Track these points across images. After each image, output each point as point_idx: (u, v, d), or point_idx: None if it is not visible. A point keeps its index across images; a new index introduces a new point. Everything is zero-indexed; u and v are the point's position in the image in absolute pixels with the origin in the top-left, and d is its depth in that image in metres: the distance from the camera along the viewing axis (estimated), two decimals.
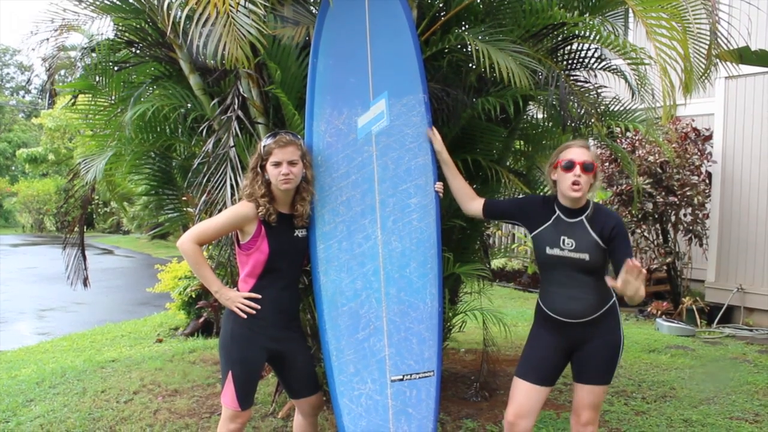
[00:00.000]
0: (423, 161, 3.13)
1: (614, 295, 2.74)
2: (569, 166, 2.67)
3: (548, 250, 2.72)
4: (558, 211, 2.76)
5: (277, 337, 2.85)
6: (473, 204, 3.02)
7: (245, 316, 2.77)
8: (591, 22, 3.98)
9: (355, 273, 3.02)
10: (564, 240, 2.69)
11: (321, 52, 3.08)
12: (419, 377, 3.03)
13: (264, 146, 2.79)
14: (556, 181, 2.79)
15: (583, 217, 2.72)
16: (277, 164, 2.75)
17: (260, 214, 2.76)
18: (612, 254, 2.67)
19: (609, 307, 2.74)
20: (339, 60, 3.10)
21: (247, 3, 2.78)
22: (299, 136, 2.90)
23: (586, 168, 2.66)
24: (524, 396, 2.79)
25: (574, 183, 2.65)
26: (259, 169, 2.81)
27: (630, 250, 2.67)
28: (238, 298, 2.79)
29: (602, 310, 2.71)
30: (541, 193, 3.03)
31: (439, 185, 3.13)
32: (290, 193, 2.86)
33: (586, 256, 2.66)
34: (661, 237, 8.39)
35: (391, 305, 3.02)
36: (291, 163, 2.77)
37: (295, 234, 2.90)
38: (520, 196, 2.96)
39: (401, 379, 3.00)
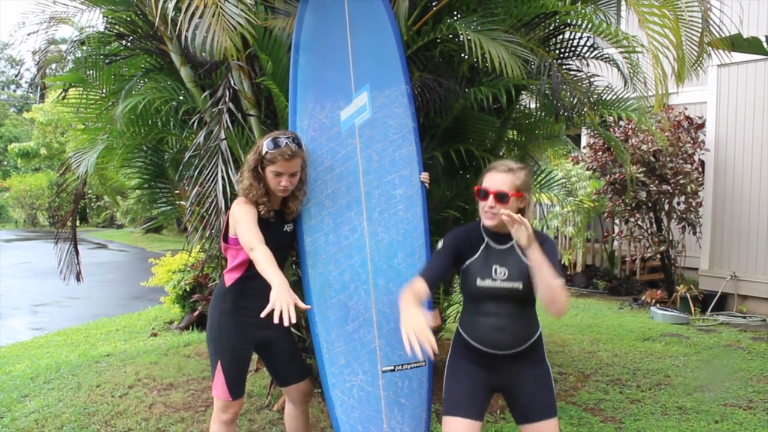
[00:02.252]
0: (407, 152, 3.12)
1: (540, 325, 2.61)
2: (483, 195, 2.49)
3: (479, 282, 2.50)
4: (487, 239, 2.55)
5: (263, 325, 2.83)
6: (421, 294, 2.45)
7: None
8: (583, 11, 3.97)
9: (342, 265, 3.01)
10: (496, 269, 2.50)
11: (302, 47, 3.08)
12: (411, 367, 3.03)
13: (267, 153, 2.70)
14: None
15: (513, 242, 2.51)
16: (278, 174, 2.71)
17: (262, 213, 2.74)
18: None
19: (536, 339, 2.56)
20: (320, 54, 3.09)
21: None
22: (302, 143, 2.83)
23: (500, 198, 2.44)
24: None
25: (487, 212, 2.48)
26: (259, 170, 2.74)
27: (557, 260, 2.49)
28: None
29: (530, 341, 2.53)
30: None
31: (424, 175, 3.12)
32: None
33: (519, 285, 2.47)
34: (654, 225, 8.40)
35: (379, 296, 3.02)
36: (292, 175, 2.74)
37: (284, 229, 2.90)
38: (439, 245, 2.60)
39: (392, 370, 3.00)
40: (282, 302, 2.32)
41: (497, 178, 2.49)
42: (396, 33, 3.16)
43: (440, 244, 2.60)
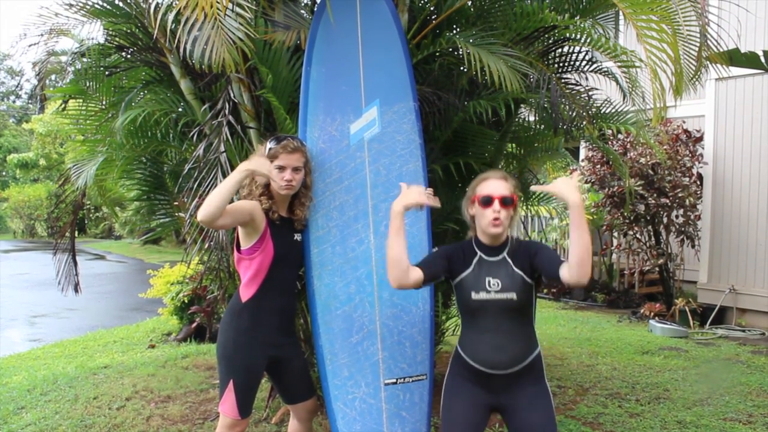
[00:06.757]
0: (414, 167, 3.15)
1: (539, 345, 2.59)
2: (487, 202, 2.50)
3: (474, 296, 2.49)
4: (479, 252, 2.56)
5: (277, 343, 2.83)
6: (413, 274, 2.49)
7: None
8: (582, 25, 3.99)
9: (348, 277, 3.02)
10: (489, 281, 2.49)
11: (314, 60, 3.10)
12: (412, 380, 3.03)
13: (270, 149, 2.75)
14: (474, 217, 2.59)
15: (504, 253, 2.55)
16: (281, 169, 2.74)
17: (264, 207, 2.74)
18: (540, 262, 2.49)
19: (535, 357, 2.53)
20: (331, 68, 3.12)
21: (234, 6, 2.78)
22: (304, 143, 2.90)
23: (505, 202, 2.49)
24: None
25: (495, 219, 2.48)
26: None
27: (557, 254, 2.53)
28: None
29: (528, 360, 2.50)
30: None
31: (428, 191, 3.13)
32: (288, 197, 2.86)
33: (513, 296, 2.47)
34: (653, 238, 8.41)
35: (384, 309, 3.02)
36: (295, 170, 2.77)
37: (295, 237, 2.90)
38: (434, 250, 2.65)
39: (395, 383, 3.00)
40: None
41: (497, 185, 2.53)
42: (405, 50, 3.18)
43: (435, 249, 2.65)
